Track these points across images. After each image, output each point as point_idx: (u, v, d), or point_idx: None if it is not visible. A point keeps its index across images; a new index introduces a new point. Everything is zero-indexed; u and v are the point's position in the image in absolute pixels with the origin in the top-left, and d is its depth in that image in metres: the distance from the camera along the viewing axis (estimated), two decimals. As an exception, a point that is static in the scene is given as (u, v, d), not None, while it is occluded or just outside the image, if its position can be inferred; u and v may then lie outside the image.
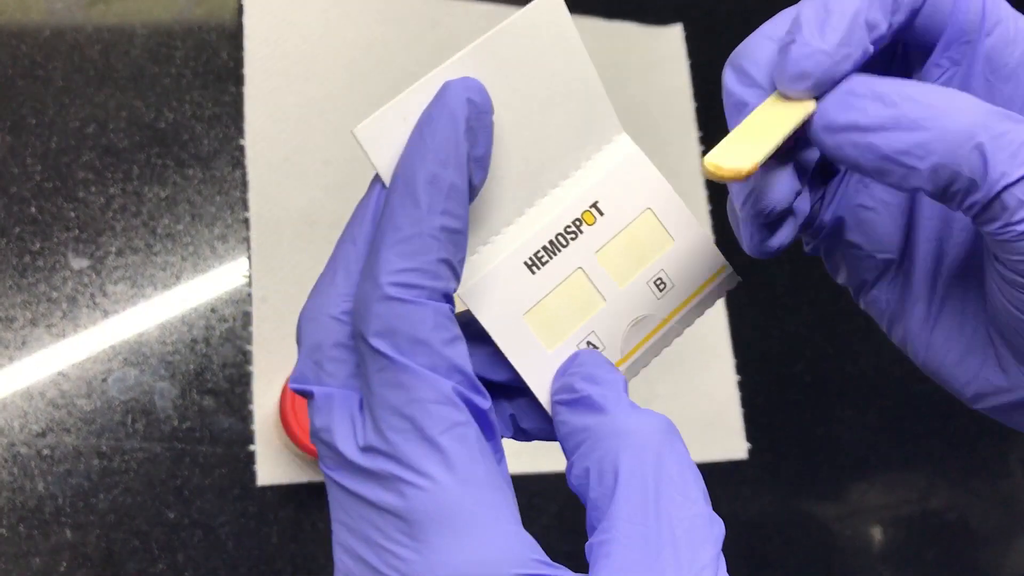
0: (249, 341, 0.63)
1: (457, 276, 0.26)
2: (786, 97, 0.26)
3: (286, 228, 0.66)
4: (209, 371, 0.62)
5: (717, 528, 0.25)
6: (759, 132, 0.26)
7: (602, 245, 0.29)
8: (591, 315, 0.29)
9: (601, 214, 0.29)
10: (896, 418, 0.83)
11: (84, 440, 0.59)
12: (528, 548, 0.24)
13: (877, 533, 0.81)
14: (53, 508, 0.57)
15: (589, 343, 0.29)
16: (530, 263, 0.29)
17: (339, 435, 0.25)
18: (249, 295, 0.64)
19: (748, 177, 0.25)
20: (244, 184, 0.66)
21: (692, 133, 0.82)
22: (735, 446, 0.76)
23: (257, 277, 0.65)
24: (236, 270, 0.65)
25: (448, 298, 0.25)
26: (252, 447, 0.62)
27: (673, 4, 0.85)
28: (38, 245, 0.61)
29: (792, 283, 0.83)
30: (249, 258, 0.65)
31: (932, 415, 0.84)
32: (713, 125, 0.82)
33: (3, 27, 0.64)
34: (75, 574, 0.57)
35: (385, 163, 0.26)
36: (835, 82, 0.26)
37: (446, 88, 0.26)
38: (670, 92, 0.82)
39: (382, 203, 0.26)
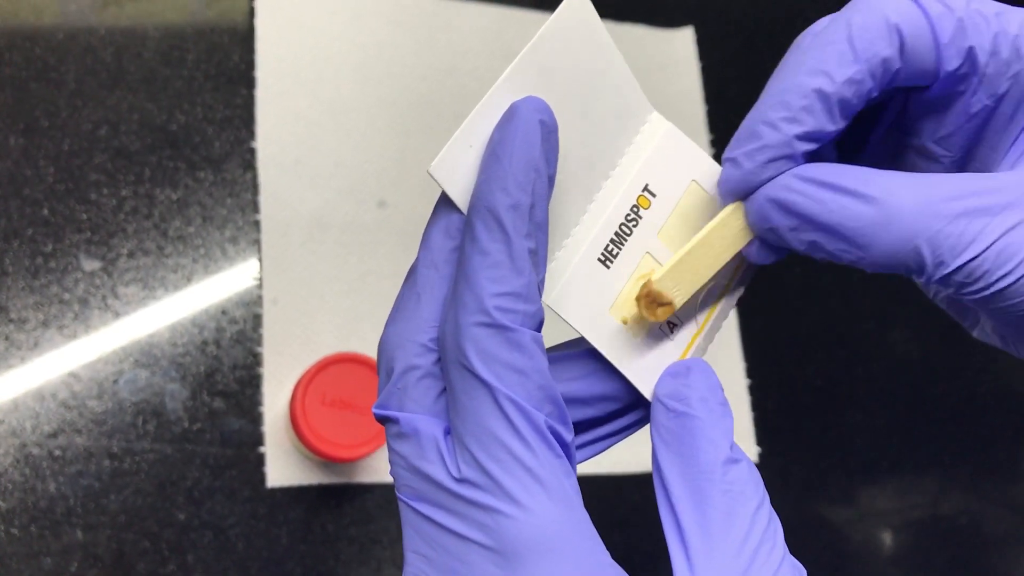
0: (259, 343, 0.63)
1: (540, 296, 0.26)
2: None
3: (297, 230, 0.66)
4: (219, 373, 0.62)
5: (799, 573, 0.26)
6: (709, 252, 0.29)
7: (661, 225, 0.30)
8: None
9: (654, 195, 0.30)
10: (907, 422, 0.83)
11: (95, 441, 0.59)
12: None
13: (888, 537, 0.81)
14: (64, 509, 0.57)
15: (669, 322, 0.30)
16: (603, 258, 0.29)
17: (429, 464, 0.25)
18: (259, 297, 0.64)
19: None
20: (255, 186, 0.66)
21: (703, 136, 0.82)
22: (745, 449, 0.75)
23: (267, 279, 0.65)
24: (247, 272, 0.65)
25: (540, 325, 0.26)
26: (262, 449, 0.62)
27: (684, 7, 0.85)
28: (50, 247, 0.61)
29: (802, 286, 0.82)
30: (260, 260, 0.65)
31: (943, 419, 0.84)
32: (724, 127, 0.82)
33: (17, 30, 0.64)
34: (86, 574, 0.57)
35: (460, 192, 0.26)
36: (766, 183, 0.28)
37: (516, 110, 0.26)
38: (681, 95, 0.82)
39: (459, 228, 0.26)
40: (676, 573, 0.26)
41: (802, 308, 0.82)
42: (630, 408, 0.29)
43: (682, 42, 0.83)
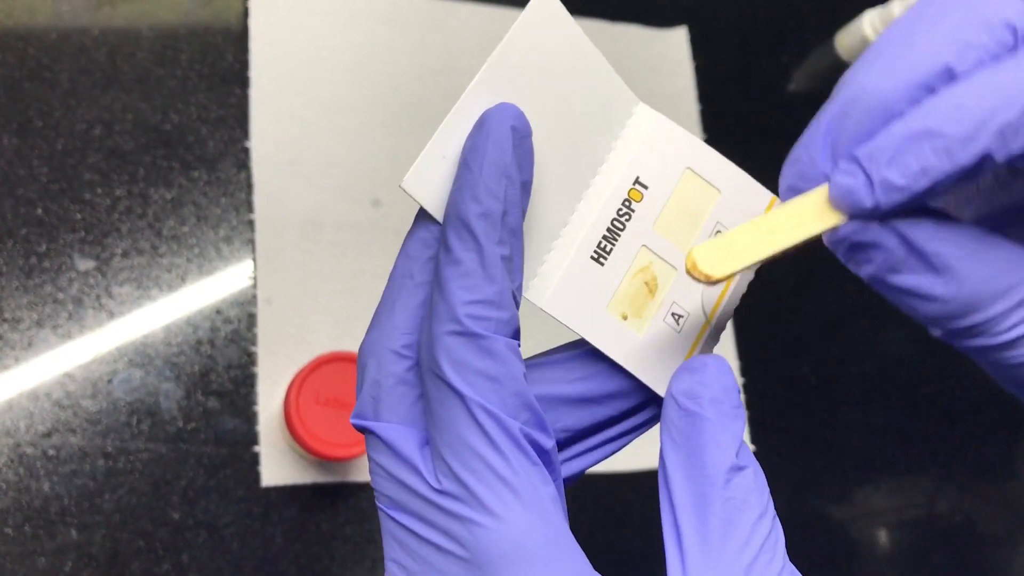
0: (254, 343, 0.63)
1: (517, 303, 0.26)
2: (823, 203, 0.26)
3: (291, 230, 0.66)
4: (214, 372, 0.62)
5: None
6: (768, 235, 0.26)
7: (656, 217, 0.29)
8: (667, 287, 0.30)
9: (646, 188, 0.29)
10: (902, 420, 0.83)
11: (89, 441, 0.59)
12: None
13: (883, 536, 0.81)
14: (58, 508, 0.57)
15: (674, 314, 0.29)
16: (596, 256, 0.29)
17: (406, 474, 0.25)
18: (254, 297, 0.64)
19: (718, 282, 0.26)
20: (249, 186, 0.66)
21: (697, 135, 0.82)
22: (740, 448, 0.75)
23: (262, 279, 0.65)
24: (241, 272, 0.65)
25: (515, 333, 0.25)
26: (256, 448, 0.62)
27: (677, 6, 0.85)
28: (44, 247, 0.61)
29: (797, 285, 0.83)
30: (254, 260, 0.65)
31: (938, 417, 0.84)
32: (718, 127, 0.82)
33: (10, 30, 0.64)
34: (80, 574, 0.57)
35: (435, 203, 0.26)
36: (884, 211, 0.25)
37: (487, 119, 0.26)
38: (674, 94, 0.82)
39: (436, 238, 0.26)
40: (670, 573, 0.26)
41: (796, 307, 0.83)
42: (644, 404, 0.29)
43: (676, 42, 0.84)
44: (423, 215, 0.27)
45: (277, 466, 0.62)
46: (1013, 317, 0.26)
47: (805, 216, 0.26)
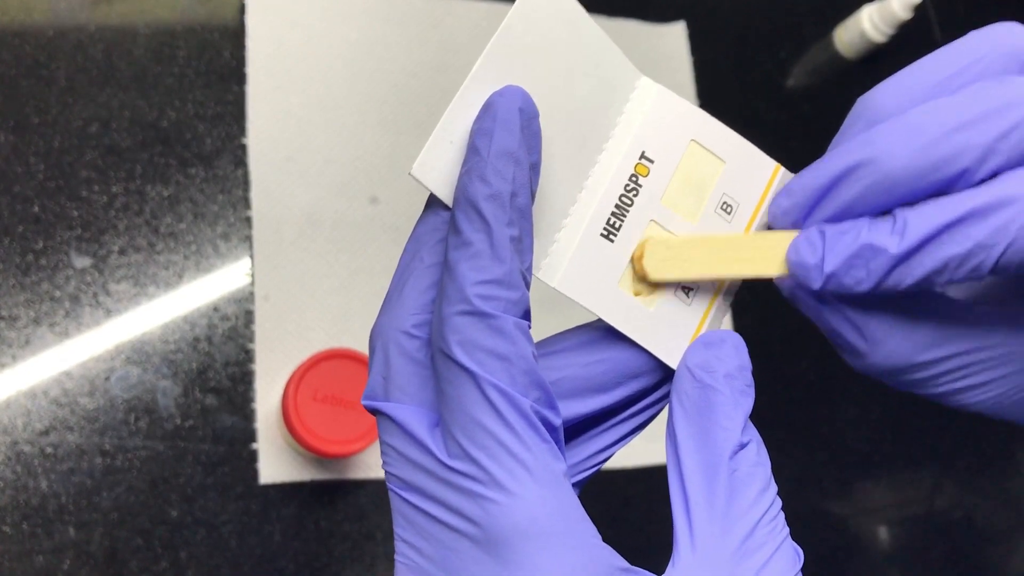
0: (251, 339, 0.63)
1: (528, 284, 0.26)
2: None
3: (288, 227, 0.66)
4: (212, 369, 0.62)
5: (799, 557, 0.27)
6: (720, 256, 0.29)
7: (663, 190, 0.30)
8: None
9: (651, 162, 0.29)
10: (901, 416, 0.83)
11: (87, 438, 0.59)
12: (613, 557, 0.25)
13: (883, 532, 0.81)
14: (56, 506, 0.57)
15: (684, 287, 0.30)
16: (606, 233, 0.29)
17: (417, 454, 0.25)
18: (251, 293, 0.64)
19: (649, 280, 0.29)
20: (246, 183, 0.66)
21: (695, 131, 0.82)
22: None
23: (259, 275, 0.65)
24: (238, 269, 0.65)
25: (526, 313, 0.26)
26: (254, 445, 0.62)
27: (676, 2, 0.85)
28: (41, 244, 0.61)
29: (796, 281, 0.82)
30: (251, 257, 0.65)
31: (937, 413, 0.84)
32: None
33: (7, 27, 0.64)
34: (78, 572, 0.57)
35: (445, 189, 0.26)
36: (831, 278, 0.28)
37: (494, 102, 0.26)
38: (673, 90, 0.82)
39: (446, 222, 0.26)
40: (677, 537, 0.26)
41: (795, 303, 0.83)
42: (658, 385, 0.30)
43: (674, 37, 0.83)
44: (433, 202, 0.27)
45: (275, 463, 0.62)
46: (935, 381, 0.31)
47: (763, 254, 0.29)
